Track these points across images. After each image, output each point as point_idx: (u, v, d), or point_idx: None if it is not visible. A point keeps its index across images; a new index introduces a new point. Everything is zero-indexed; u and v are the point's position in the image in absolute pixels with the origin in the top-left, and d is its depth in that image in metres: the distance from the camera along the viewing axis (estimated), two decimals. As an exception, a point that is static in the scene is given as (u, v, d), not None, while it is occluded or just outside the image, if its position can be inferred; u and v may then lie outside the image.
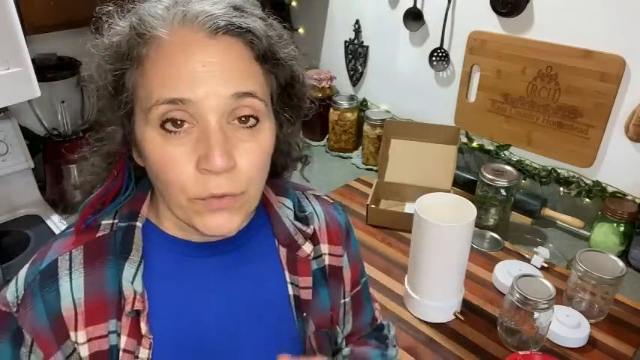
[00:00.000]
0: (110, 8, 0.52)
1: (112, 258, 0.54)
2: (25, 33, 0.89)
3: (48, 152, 1.39)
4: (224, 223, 0.50)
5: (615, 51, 1.18)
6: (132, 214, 0.57)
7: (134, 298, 0.52)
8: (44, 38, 1.19)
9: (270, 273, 0.63)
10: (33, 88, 0.91)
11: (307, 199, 0.68)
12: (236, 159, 0.49)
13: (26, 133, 1.38)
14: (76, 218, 0.58)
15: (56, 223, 1.32)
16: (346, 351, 0.72)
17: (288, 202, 0.65)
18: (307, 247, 0.63)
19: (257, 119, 0.50)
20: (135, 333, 0.53)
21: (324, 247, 0.66)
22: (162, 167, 0.49)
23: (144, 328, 0.53)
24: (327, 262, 0.66)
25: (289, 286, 0.63)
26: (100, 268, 0.53)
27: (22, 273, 0.54)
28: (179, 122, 0.48)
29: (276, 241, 0.63)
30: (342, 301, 0.70)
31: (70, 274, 0.52)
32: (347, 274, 0.70)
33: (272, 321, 0.62)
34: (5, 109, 1.32)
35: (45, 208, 1.39)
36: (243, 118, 0.49)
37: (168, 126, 0.48)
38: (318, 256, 0.65)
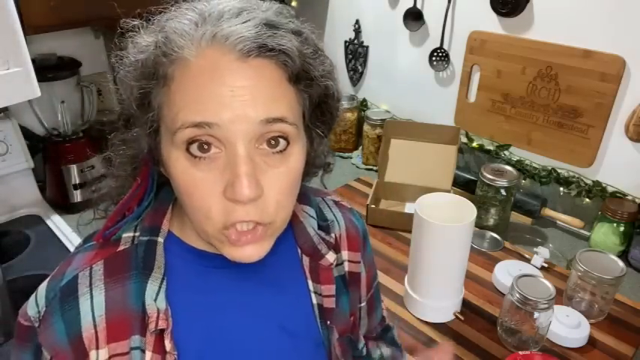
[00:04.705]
0: (135, 22, 0.49)
1: (134, 273, 0.52)
2: (25, 33, 0.89)
3: (48, 152, 1.39)
4: (252, 253, 0.49)
5: (615, 51, 1.18)
6: (153, 229, 0.55)
7: (157, 316, 0.51)
8: (44, 38, 1.19)
9: (293, 282, 0.62)
10: (33, 88, 0.91)
11: (327, 205, 0.68)
12: (264, 186, 0.46)
13: (26, 133, 1.38)
14: (91, 226, 0.56)
15: (56, 223, 1.33)
16: (386, 352, 0.75)
17: (311, 211, 0.64)
18: (330, 257, 0.62)
19: (287, 142, 0.48)
20: (160, 349, 0.52)
21: (345, 254, 0.66)
22: (188, 191, 0.47)
23: (168, 345, 0.52)
24: (347, 269, 0.65)
25: (313, 295, 0.62)
26: (122, 284, 0.52)
27: (43, 287, 0.52)
28: (205, 147, 0.45)
29: (299, 250, 0.62)
30: (359, 305, 0.70)
31: (91, 290, 0.51)
32: (363, 279, 0.69)
33: (296, 331, 0.61)
34: (5, 109, 1.33)
35: (45, 208, 1.39)
36: (272, 142, 0.47)
37: (194, 150, 0.45)
38: (339, 264, 0.65)
